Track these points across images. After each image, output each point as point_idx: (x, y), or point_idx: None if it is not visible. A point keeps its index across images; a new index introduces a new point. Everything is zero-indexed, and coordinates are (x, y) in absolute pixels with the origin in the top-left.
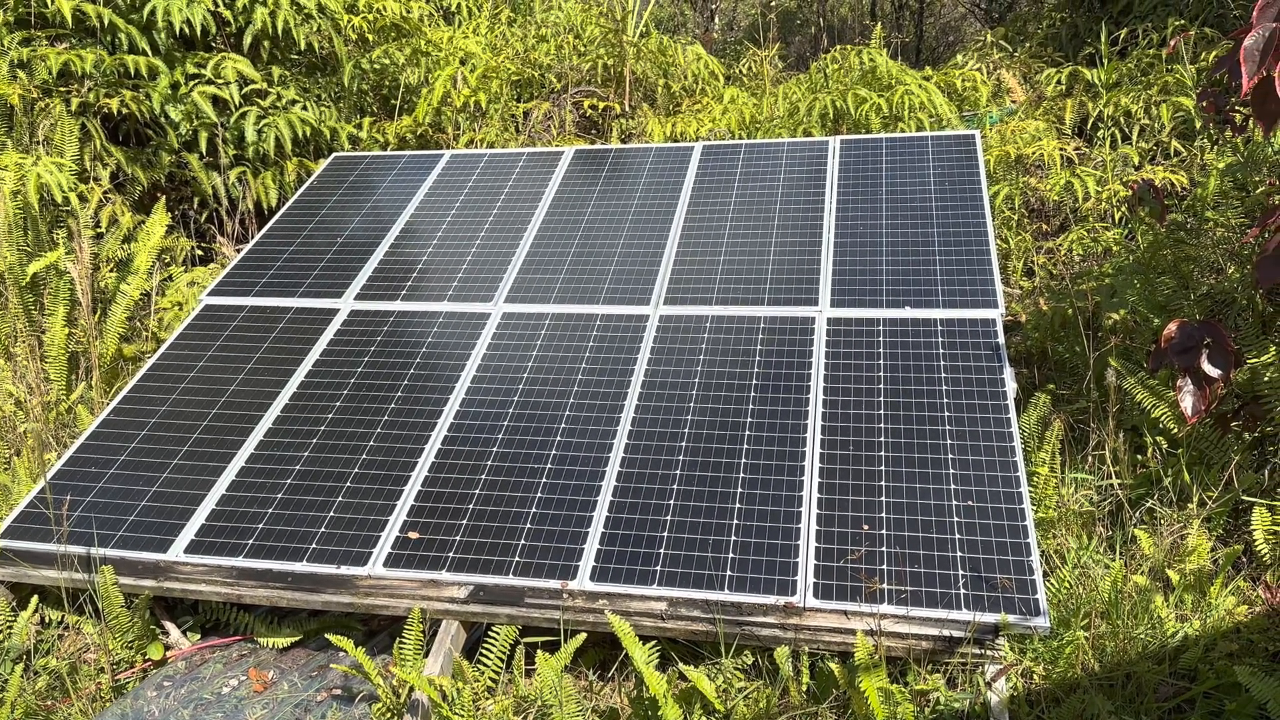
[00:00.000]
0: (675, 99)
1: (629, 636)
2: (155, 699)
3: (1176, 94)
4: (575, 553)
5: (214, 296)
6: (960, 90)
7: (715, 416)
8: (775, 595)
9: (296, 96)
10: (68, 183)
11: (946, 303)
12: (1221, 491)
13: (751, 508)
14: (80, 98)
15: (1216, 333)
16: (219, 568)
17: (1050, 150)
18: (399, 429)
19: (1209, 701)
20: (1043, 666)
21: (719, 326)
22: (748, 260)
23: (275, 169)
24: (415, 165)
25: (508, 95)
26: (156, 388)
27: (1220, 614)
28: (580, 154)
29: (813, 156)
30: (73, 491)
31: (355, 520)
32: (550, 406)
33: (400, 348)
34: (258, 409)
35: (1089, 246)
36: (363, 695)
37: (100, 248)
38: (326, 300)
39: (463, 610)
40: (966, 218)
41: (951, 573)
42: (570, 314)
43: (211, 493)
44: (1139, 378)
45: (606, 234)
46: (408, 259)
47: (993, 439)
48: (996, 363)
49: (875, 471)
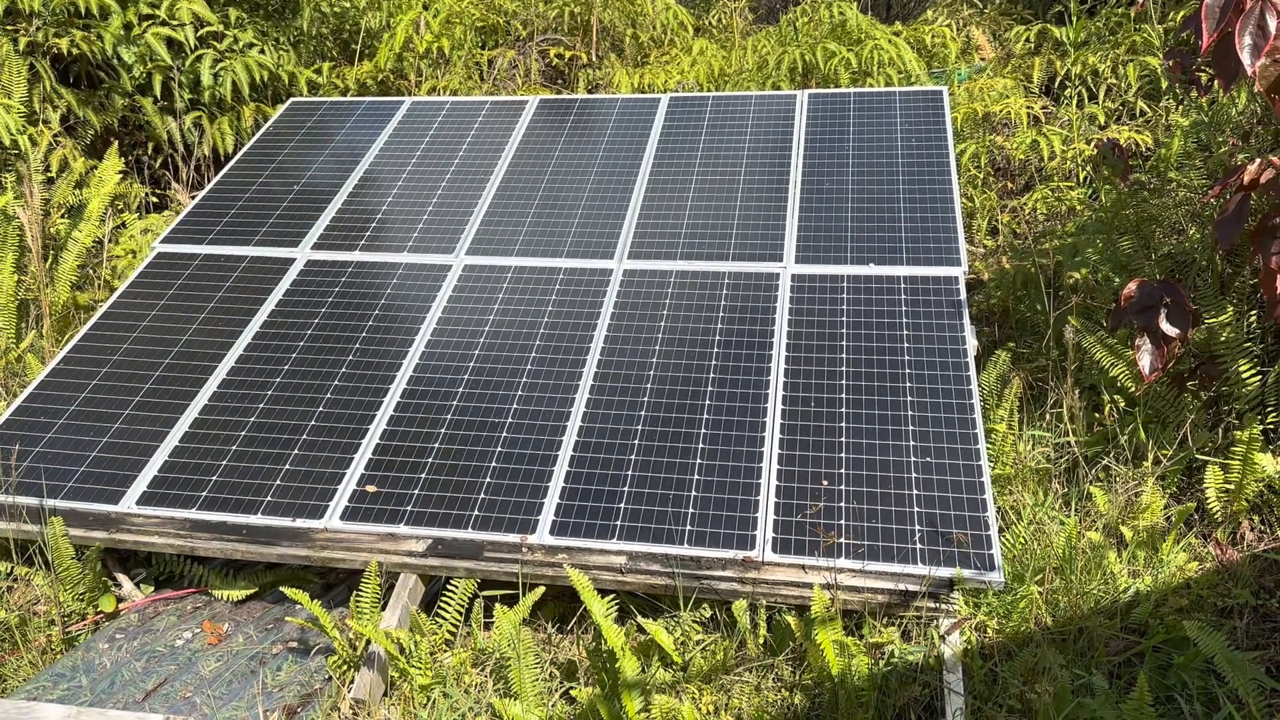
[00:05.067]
0: (643, 50)
1: (587, 590)
2: (107, 651)
3: (1144, 53)
4: (535, 507)
5: (167, 244)
6: (929, 46)
7: (678, 372)
8: (734, 550)
9: (254, 40)
10: (16, 125)
11: (910, 260)
12: (1176, 450)
13: (712, 463)
14: (28, 37)
15: (1175, 292)
16: (172, 520)
17: (1017, 108)
18: (357, 381)
19: (1158, 655)
20: (996, 620)
21: (683, 281)
22: (713, 215)
23: (232, 114)
24: (375, 112)
25: (472, 42)
26: (108, 336)
27: (1171, 570)
28: (545, 104)
29: (780, 110)
30: (21, 441)
31: (312, 473)
32: (512, 360)
33: (359, 299)
34: (212, 359)
35: (1053, 206)
36: (319, 648)
37: (51, 193)
38: (283, 249)
39: (421, 564)
40: (932, 175)
41: (908, 528)
42: (533, 267)
43: (164, 444)
44: (1098, 336)
45: (571, 186)
46: (367, 208)
47: (952, 396)
48: (958, 320)
49: (836, 428)
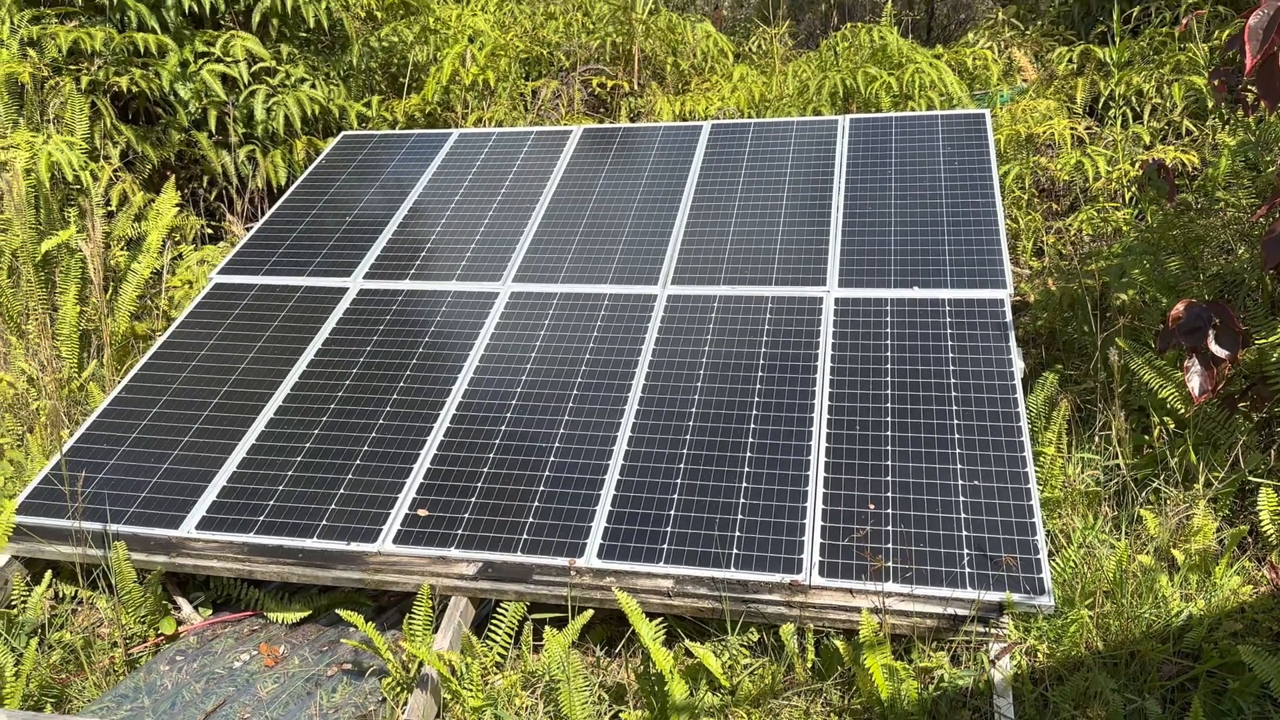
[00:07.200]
0: (684, 77)
1: (636, 613)
2: (168, 673)
3: (1189, 73)
4: (583, 530)
5: (224, 275)
6: (971, 69)
7: (722, 396)
8: (781, 573)
9: (305, 75)
10: (78, 161)
11: (955, 283)
12: (1227, 472)
13: (758, 486)
14: (90, 76)
15: (1224, 313)
16: (230, 544)
17: (1061, 129)
18: (408, 407)
19: (1212, 680)
20: (1047, 645)
21: (726, 306)
22: (756, 240)
23: (284, 147)
24: (424, 144)
25: (516, 73)
26: (167, 365)
27: (1225, 594)
28: (589, 133)
29: (822, 135)
30: (86, 468)
31: (365, 497)
32: (558, 385)
33: (409, 327)
34: (268, 387)
35: (1099, 226)
36: (373, 670)
37: (111, 226)
38: (336, 279)
39: (471, 587)
40: (976, 197)
41: (957, 551)
42: (578, 293)
43: (223, 470)
44: (1146, 358)
45: (614, 213)
46: (416, 238)
47: (999, 419)
48: (1004, 342)
49: (881, 451)
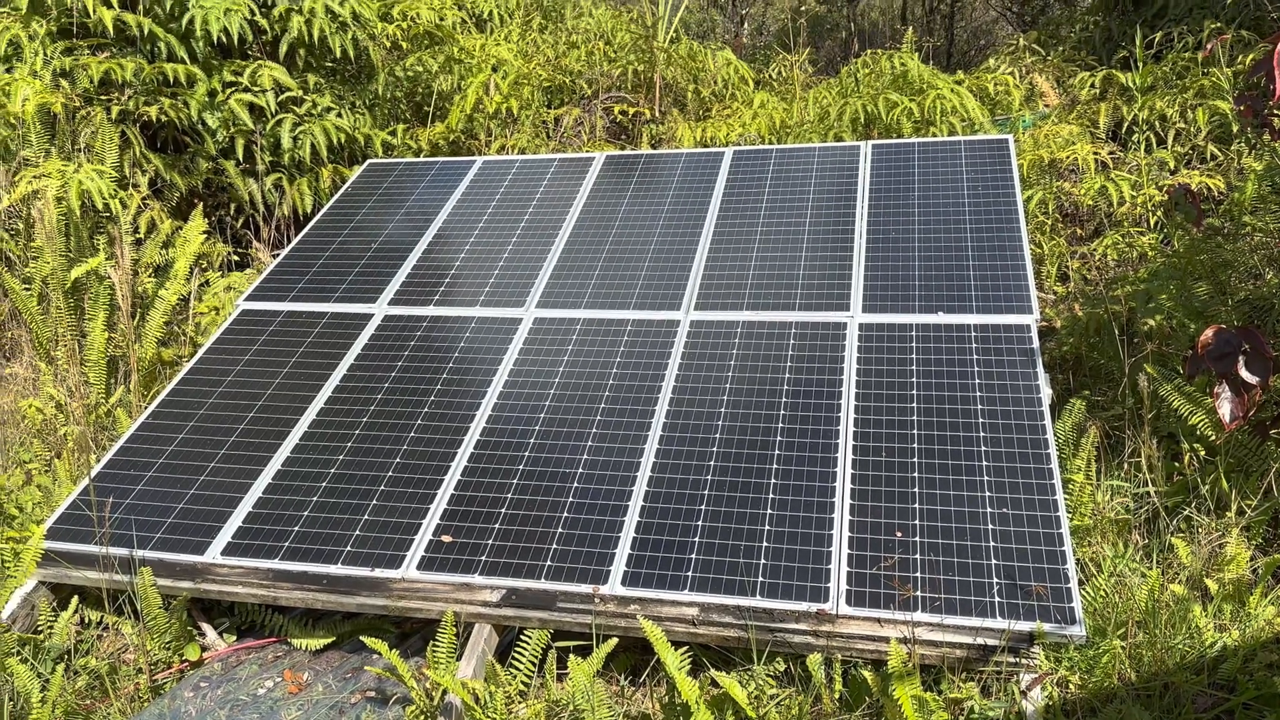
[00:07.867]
0: (705, 104)
1: (661, 642)
2: (192, 699)
3: (1213, 97)
4: (607, 557)
5: (250, 301)
6: (992, 94)
7: (746, 421)
8: (808, 602)
9: (331, 104)
10: (108, 189)
11: (980, 308)
12: (1261, 500)
13: (783, 514)
14: (120, 105)
15: (1254, 339)
16: (255, 570)
17: (1084, 154)
18: (432, 433)
19: (1249, 713)
20: (1078, 675)
21: (750, 332)
22: (779, 265)
23: (310, 175)
24: (448, 171)
25: (539, 101)
26: (194, 391)
27: (1260, 624)
28: (611, 159)
29: (844, 161)
30: (113, 494)
31: (389, 524)
32: (582, 411)
33: (434, 353)
34: (293, 413)
35: (1124, 251)
36: (396, 697)
37: (139, 253)
38: (361, 305)
39: (495, 614)
40: (1000, 222)
41: (986, 580)
42: (601, 319)
43: (248, 496)
44: (1175, 384)
45: (637, 239)
46: (441, 264)
47: (1027, 446)
48: (1031, 368)
49: (908, 478)
